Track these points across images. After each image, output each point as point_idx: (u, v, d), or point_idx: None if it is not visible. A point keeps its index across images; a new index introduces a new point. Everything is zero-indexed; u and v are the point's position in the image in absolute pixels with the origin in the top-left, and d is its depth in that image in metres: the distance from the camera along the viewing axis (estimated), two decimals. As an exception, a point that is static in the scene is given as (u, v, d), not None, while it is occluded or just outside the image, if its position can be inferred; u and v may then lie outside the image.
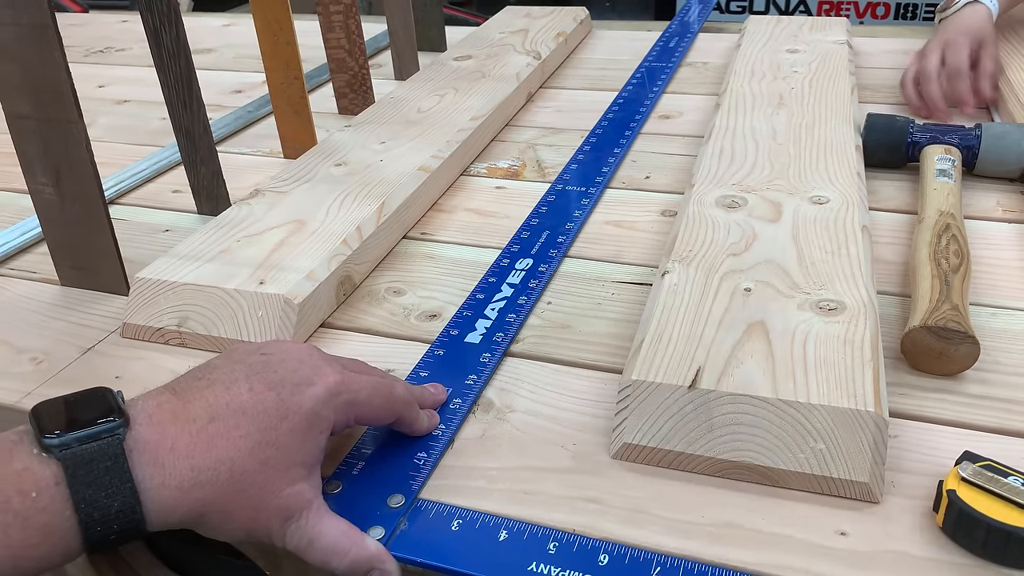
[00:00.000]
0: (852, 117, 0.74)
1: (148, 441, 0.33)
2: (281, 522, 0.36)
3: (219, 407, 0.35)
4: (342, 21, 0.90)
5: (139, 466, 0.33)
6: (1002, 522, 0.34)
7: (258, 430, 0.35)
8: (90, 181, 0.56)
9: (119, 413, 0.33)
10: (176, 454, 0.33)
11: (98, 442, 0.32)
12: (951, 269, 0.51)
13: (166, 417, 0.34)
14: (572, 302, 0.57)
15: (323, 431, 0.37)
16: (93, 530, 0.32)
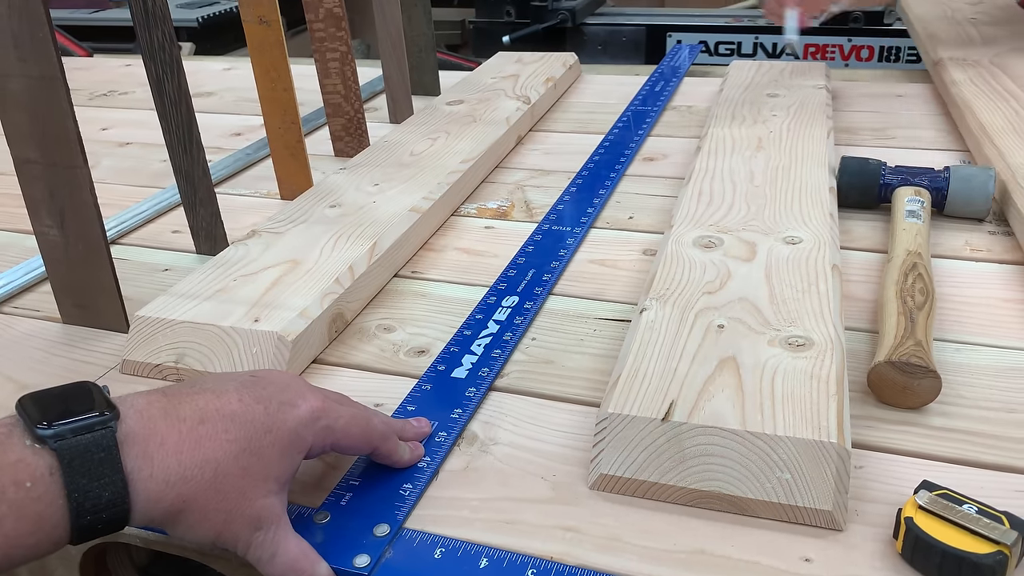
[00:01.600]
0: (827, 160, 0.76)
1: (138, 435, 0.35)
2: (250, 531, 0.37)
3: (209, 411, 0.37)
4: (338, 68, 0.93)
5: (129, 458, 0.34)
6: (956, 548, 0.36)
7: (244, 437, 0.37)
8: (93, 224, 0.58)
9: (109, 406, 0.35)
10: (165, 449, 0.35)
11: (92, 433, 0.34)
12: (916, 306, 0.53)
13: (157, 414, 0.36)
14: (556, 338, 0.59)
15: (300, 451, 0.39)
16: (83, 519, 0.33)
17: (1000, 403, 0.49)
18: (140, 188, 0.91)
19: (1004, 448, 0.46)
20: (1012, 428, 0.47)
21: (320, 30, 0.92)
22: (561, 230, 0.75)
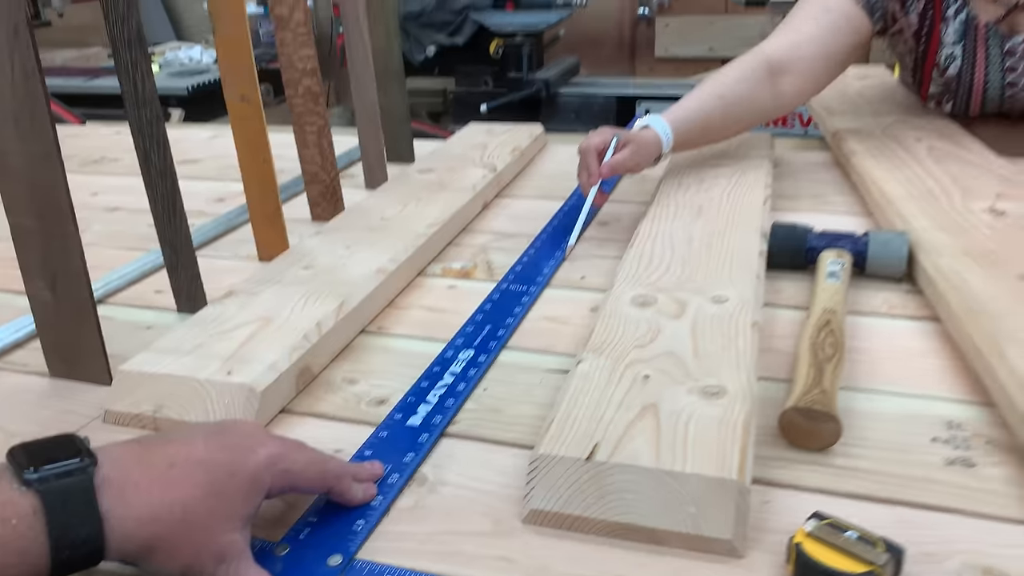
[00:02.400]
0: (760, 226, 0.83)
1: (114, 480, 0.40)
2: (215, 563, 0.41)
3: (179, 457, 0.42)
4: (316, 140, 1.00)
5: (105, 500, 0.39)
6: (835, 568, 0.41)
7: (209, 481, 0.41)
8: (82, 287, 0.63)
9: (88, 454, 0.40)
10: (139, 492, 0.40)
11: (72, 478, 0.38)
12: (825, 359, 0.59)
13: (131, 461, 0.41)
14: (505, 388, 0.64)
15: (261, 492, 0.44)
16: (62, 554, 0.37)
17: (897, 445, 0.54)
18: (127, 251, 0.96)
19: (894, 484, 0.51)
20: (904, 467, 0.52)
21: (299, 105, 0.98)
22: (518, 289, 0.81)
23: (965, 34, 1.15)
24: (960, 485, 0.51)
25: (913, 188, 0.91)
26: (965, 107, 1.21)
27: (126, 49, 0.69)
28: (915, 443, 0.55)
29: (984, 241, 0.76)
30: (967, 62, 1.17)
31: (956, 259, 0.73)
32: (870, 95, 1.37)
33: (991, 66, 1.17)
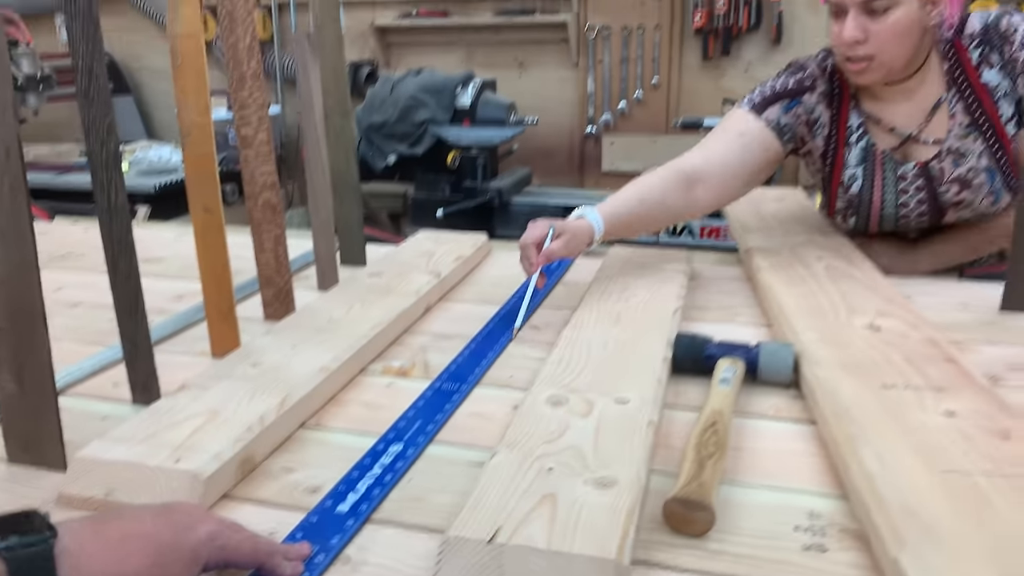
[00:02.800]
0: (667, 335, 0.92)
1: (72, 550, 0.45)
2: None
3: (129, 532, 0.47)
4: (272, 247, 1.08)
5: (63, 568, 0.44)
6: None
7: (155, 553, 0.47)
8: (47, 381, 0.69)
9: (49, 527, 0.46)
10: (92, 562, 0.45)
11: (35, 547, 0.44)
12: (707, 455, 0.67)
13: (87, 535, 0.46)
14: (429, 479, 0.70)
15: (199, 565, 0.49)
16: None
17: (765, 532, 0.62)
18: (86, 346, 1.01)
19: (758, 566, 0.58)
20: (768, 551, 0.60)
21: (258, 215, 1.07)
22: (450, 388, 0.88)
23: (865, 158, 1.31)
24: (813, 568, 0.58)
25: (806, 303, 1.02)
26: (865, 224, 1.35)
27: (103, 170, 0.77)
28: (780, 531, 0.62)
29: (859, 353, 0.86)
30: (867, 183, 1.32)
31: (832, 369, 0.82)
32: (783, 215, 1.51)
33: (887, 188, 1.32)
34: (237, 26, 0.99)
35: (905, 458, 0.65)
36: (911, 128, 1.27)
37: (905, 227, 1.35)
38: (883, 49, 1.17)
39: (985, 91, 1.22)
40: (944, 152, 1.25)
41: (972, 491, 0.60)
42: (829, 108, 1.30)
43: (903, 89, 1.26)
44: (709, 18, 3.30)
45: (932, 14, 1.17)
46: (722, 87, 3.39)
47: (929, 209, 1.29)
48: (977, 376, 0.81)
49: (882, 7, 1.15)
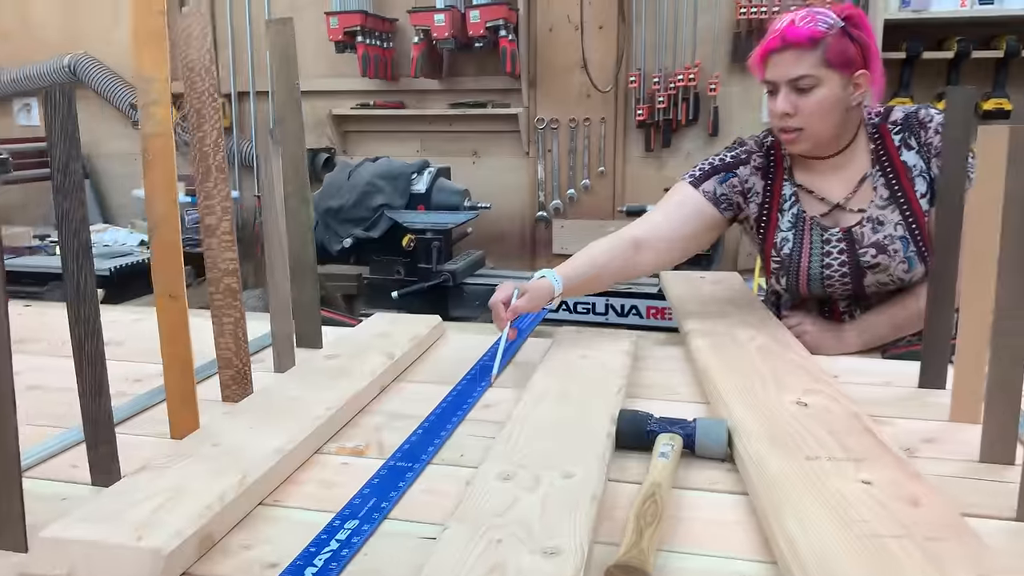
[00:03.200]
0: (610, 413, 0.97)
1: None
2: None
3: None
4: (232, 330, 1.11)
5: None
6: None
7: None
8: (13, 462, 0.70)
9: None
10: None
11: None
12: (646, 524, 0.71)
13: None
14: (385, 553, 0.73)
15: None
16: None
17: (700, 596, 0.66)
18: (44, 428, 1.02)
19: (693, 628, 0.62)
20: (702, 614, 0.63)
21: (219, 300, 1.10)
22: (404, 466, 0.91)
23: (795, 224, 1.46)
24: (743, 628, 0.62)
25: (740, 382, 1.08)
26: (795, 283, 1.48)
27: (74, 258, 0.80)
28: (714, 594, 0.66)
29: (787, 427, 0.92)
30: (796, 245, 1.47)
31: (761, 443, 0.88)
32: (720, 297, 1.59)
33: (813, 250, 1.46)
34: (204, 122, 1.05)
35: (824, 524, 0.70)
36: (839, 198, 1.43)
37: (831, 288, 1.46)
38: (810, 122, 1.36)
39: (904, 169, 1.39)
40: (865, 220, 1.40)
41: (883, 553, 0.65)
42: (764, 179, 1.48)
43: (833, 164, 1.43)
44: (650, 113, 3.47)
45: (854, 95, 1.36)
46: (664, 176, 3.55)
47: (850, 271, 1.42)
48: (892, 448, 0.87)
49: (808, 86, 1.34)
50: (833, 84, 1.34)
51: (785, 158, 1.47)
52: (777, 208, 1.48)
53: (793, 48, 1.34)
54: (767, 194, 1.48)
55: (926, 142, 1.38)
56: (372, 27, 3.53)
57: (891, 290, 1.44)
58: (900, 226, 1.39)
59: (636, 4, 3.43)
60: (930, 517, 0.71)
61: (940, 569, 0.62)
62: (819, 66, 1.33)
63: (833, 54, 1.33)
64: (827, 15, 1.34)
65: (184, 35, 1.04)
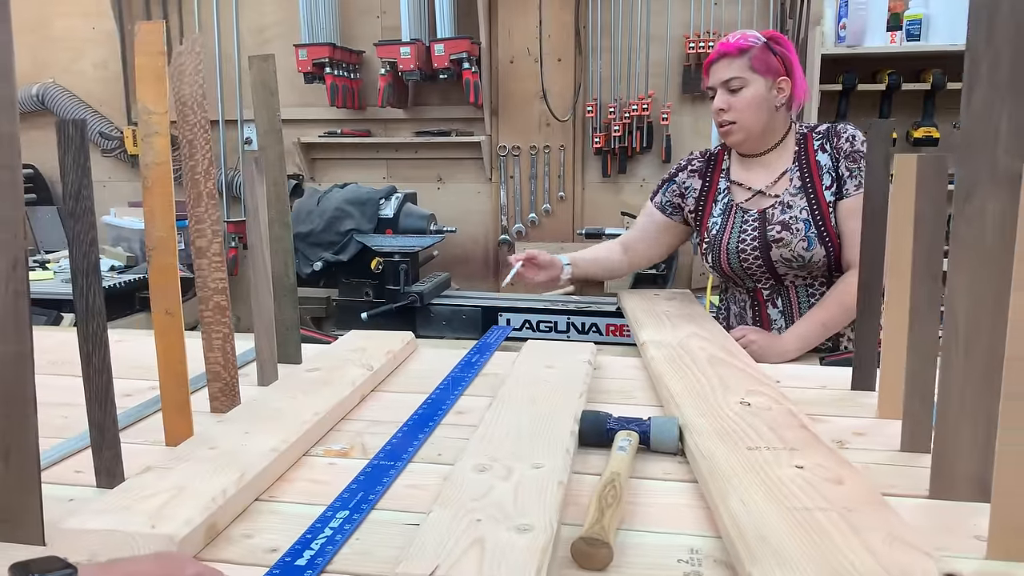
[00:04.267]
0: (574, 413, 1.05)
1: None
2: None
3: (129, 571, 0.57)
4: (221, 345, 1.17)
5: None
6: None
7: None
8: (32, 460, 0.76)
9: (70, 566, 0.55)
10: None
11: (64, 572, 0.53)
12: (607, 505, 0.79)
13: (97, 570, 0.55)
14: (374, 538, 0.80)
15: None
16: None
17: (655, 564, 0.74)
18: (46, 439, 1.06)
19: (649, 590, 0.70)
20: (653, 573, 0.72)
21: (209, 317, 1.16)
22: (387, 464, 0.98)
23: (725, 211, 1.78)
24: (692, 589, 0.70)
25: (690, 386, 1.17)
26: (718, 260, 1.78)
27: (83, 276, 0.86)
28: (666, 563, 0.74)
29: (731, 424, 1.01)
30: (722, 227, 1.77)
31: (709, 437, 0.97)
32: (674, 313, 1.68)
33: (733, 230, 1.75)
34: (196, 152, 1.12)
35: (762, 501, 0.79)
36: (761, 186, 1.74)
37: (745, 262, 1.73)
38: (741, 117, 1.69)
39: (817, 167, 1.70)
40: (777, 203, 1.71)
41: (812, 522, 0.74)
42: (701, 179, 1.83)
43: (762, 161, 1.76)
44: (607, 140, 3.60)
45: (777, 97, 1.69)
46: (621, 200, 3.68)
47: (759, 244, 1.71)
48: (823, 439, 0.97)
49: (737, 86, 1.68)
50: (758, 86, 1.67)
51: (725, 159, 1.82)
52: (712, 199, 1.81)
53: (725, 57, 1.69)
54: (704, 190, 1.82)
55: (837, 146, 1.68)
56: (340, 59, 3.61)
57: (800, 273, 1.71)
58: (805, 211, 1.68)
59: (592, 38, 3.57)
60: (852, 494, 0.81)
61: (857, 533, 0.71)
62: (746, 70, 1.67)
63: (758, 62, 1.67)
64: (754, 34, 1.71)
65: (178, 71, 1.11)
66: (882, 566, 0.66)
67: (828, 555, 0.68)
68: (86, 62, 4.13)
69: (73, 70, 4.14)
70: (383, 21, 3.78)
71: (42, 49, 4.15)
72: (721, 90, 1.70)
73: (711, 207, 1.81)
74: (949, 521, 0.84)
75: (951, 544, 0.78)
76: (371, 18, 3.80)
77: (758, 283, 1.77)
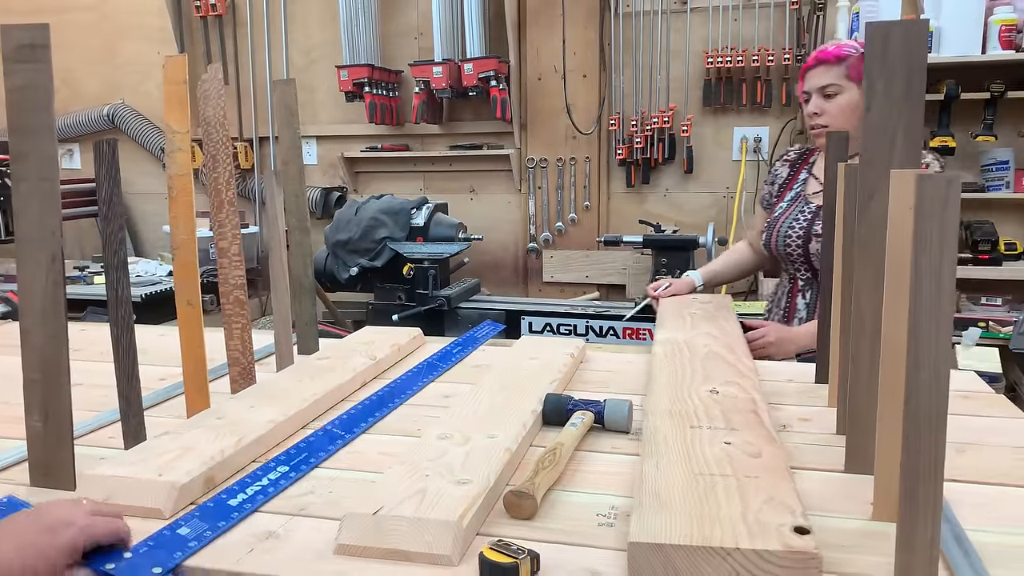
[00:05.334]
0: (540, 396, 1.16)
1: None
2: None
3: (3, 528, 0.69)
4: (240, 333, 1.31)
5: None
6: (494, 560, 0.70)
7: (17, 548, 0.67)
8: (66, 421, 0.91)
9: None
10: None
11: None
12: (542, 467, 0.90)
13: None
14: (342, 492, 0.92)
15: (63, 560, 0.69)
16: None
17: (578, 516, 0.85)
18: (86, 412, 1.22)
19: (564, 535, 0.80)
20: (575, 526, 0.82)
21: (229, 309, 1.31)
22: (337, 432, 1.09)
23: (794, 199, 1.92)
24: (600, 536, 0.81)
25: (673, 377, 1.23)
26: (768, 241, 1.94)
27: (114, 271, 1.01)
28: (586, 517, 0.85)
29: (690, 408, 1.08)
30: (783, 213, 1.91)
31: (662, 417, 1.05)
32: (700, 316, 1.71)
33: (788, 218, 1.89)
34: (218, 164, 1.27)
35: (675, 467, 0.88)
36: None
37: (787, 248, 1.88)
38: (834, 122, 1.76)
39: None
40: None
41: (705, 484, 0.83)
42: (790, 168, 1.98)
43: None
44: (629, 152, 3.70)
45: None
46: (645, 210, 3.76)
47: (802, 235, 1.83)
48: (766, 422, 1.04)
49: (832, 92, 1.76)
50: (852, 93, 1.74)
51: (816, 154, 1.93)
52: (790, 187, 1.95)
53: (823, 64, 1.77)
54: (788, 177, 1.97)
55: None
56: (378, 78, 3.78)
57: None
58: None
59: (615, 55, 3.67)
60: (761, 465, 0.90)
61: (743, 495, 0.81)
62: (842, 77, 1.75)
63: (854, 71, 1.73)
64: (851, 44, 1.78)
65: (203, 96, 1.26)
66: (743, 517, 0.75)
67: (703, 508, 0.78)
68: (151, 84, 4.40)
69: (140, 91, 4.41)
70: (420, 42, 3.94)
71: (113, 73, 4.44)
72: (816, 95, 1.78)
73: (786, 193, 1.95)
74: (852, 491, 0.92)
75: (845, 508, 0.87)
76: (408, 39, 3.98)
77: (797, 271, 1.90)
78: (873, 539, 0.81)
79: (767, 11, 3.50)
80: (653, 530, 0.74)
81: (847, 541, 0.80)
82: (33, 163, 0.90)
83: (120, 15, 4.40)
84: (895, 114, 0.90)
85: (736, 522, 0.75)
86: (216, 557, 0.77)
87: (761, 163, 3.61)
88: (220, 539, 0.80)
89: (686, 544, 0.72)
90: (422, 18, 3.91)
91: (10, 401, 1.28)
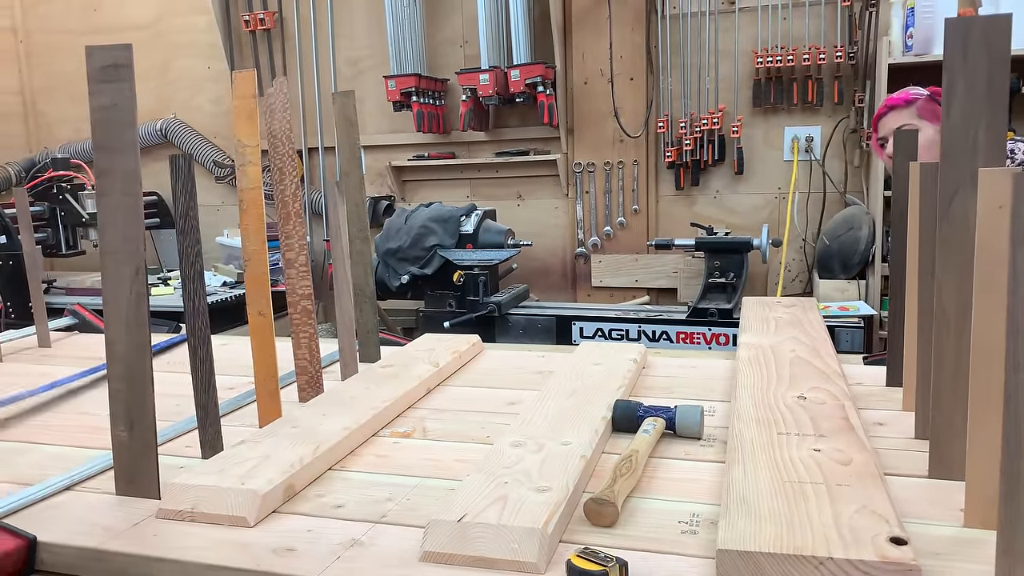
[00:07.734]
0: (608, 403, 1.15)
1: None
2: None
3: None
4: (307, 343, 1.33)
5: None
6: (584, 568, 0.69)
7: None
8: (151, 431, 0.93)
9: None
10: None
11: None
12: (621, 474, 0.89)
13: None
14: (423, 500, 0.93)
15: None
16: None
17: (658, 524, 0.84)
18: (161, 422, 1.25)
19: (645, 541, 0.80)
20: (655, 532, 0.82)
21: (297, 319, 1.33)
22: (441, 445, 1.11)
23: None
24: (684, 543, 0.80)
25: (759, 381, 1.21)
26: None
27: (191, 282, 1.04)
28: (668, 524, 0.84)
29: (776, 414, 1.06)
30: None
31: (748, 423, 1.03)
32: (784, 320, 1.66)
33: None
34: (285, 177, 1.29)
35: (763, 474, 0.87)
36: None
37: None
38: None
39: None
40: None
41: (796, 491, 0.82)
42: None
43: None
44: (678, 154, 3.67)
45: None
46: (695, 212, 3.72)
47: None
48: (857, 429, 1.01)
49: None
50: (927, 131, 1.81)
51: None
52: None
53: (893, 109, 1.89)
54: None
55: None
56: (425, 87, 3.82)
57: None
58: None
59: (662, 57, 3.65)
60: (852, 472, 0.88)
61: (834, 502, 0.79)
62: (914, 118, 1.85)
63: (924, 111, 1.85)
64: (917, 89, 1.90)
65: (268, 109, 1.28)
66: (836, 525, 0.74)
67: (794, 515, 0.76)
68: (203, 98, 4.51)
69: (191, 106, 4.52)
70: (466, 50, 3.97)
71: (165, 88, 4.55)
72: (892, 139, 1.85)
73: None
74: (939, 497, 0.90)
75: (934, 514, 0.85)
76: (454, 47, 4.00)
77: None
78: (968, 546, 0.78)
79: (817, 8, 3.44)
80: (743, 537, 0.73)
81: (941, 549, 0.78)
82: (118, 178, 0.92)
83: (172, 33, 4.51)
84: (976, 112, 0.88)
85: (828, 530, 0.73)
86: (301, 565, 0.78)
87: (813, 163, 3.56)
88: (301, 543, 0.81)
89: (777, 552, 0.71)
90: (467, 25, 3.94)
91: (89, 412, 1.33)
